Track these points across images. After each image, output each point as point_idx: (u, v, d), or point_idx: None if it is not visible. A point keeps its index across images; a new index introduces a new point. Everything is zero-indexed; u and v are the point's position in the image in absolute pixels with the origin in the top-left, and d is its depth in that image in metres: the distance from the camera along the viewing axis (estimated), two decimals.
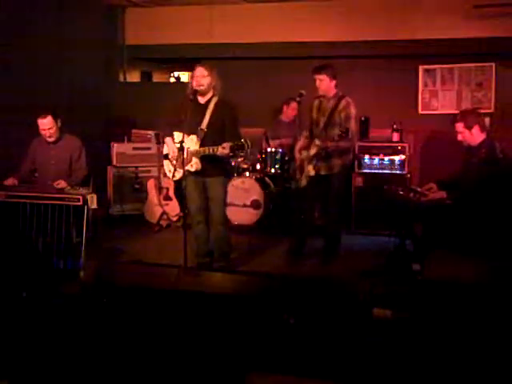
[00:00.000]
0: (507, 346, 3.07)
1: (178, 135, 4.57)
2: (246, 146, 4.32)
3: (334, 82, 4.96)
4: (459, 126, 4.30)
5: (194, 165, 4.50)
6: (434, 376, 2.93)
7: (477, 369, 2.93)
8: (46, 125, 4.98)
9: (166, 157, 4.73)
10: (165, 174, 5.02)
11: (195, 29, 7.34)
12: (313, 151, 4.85)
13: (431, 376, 2.93)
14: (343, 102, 4.87)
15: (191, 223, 4.83)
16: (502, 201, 4.14)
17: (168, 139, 4.69)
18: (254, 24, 7.20)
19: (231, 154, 4.38)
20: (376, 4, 6.81)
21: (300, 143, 5.13)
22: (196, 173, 4.56)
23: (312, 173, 4.89)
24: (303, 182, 5.00)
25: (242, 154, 4.49)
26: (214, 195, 4.67)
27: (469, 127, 4.25)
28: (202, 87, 4.50)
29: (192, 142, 4.50)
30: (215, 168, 4.58)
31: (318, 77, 4.91)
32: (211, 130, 4.52)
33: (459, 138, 4.33)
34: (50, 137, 5.04)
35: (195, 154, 4.48)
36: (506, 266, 4.11)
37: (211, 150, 4.39)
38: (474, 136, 4.26)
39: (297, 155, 5.14)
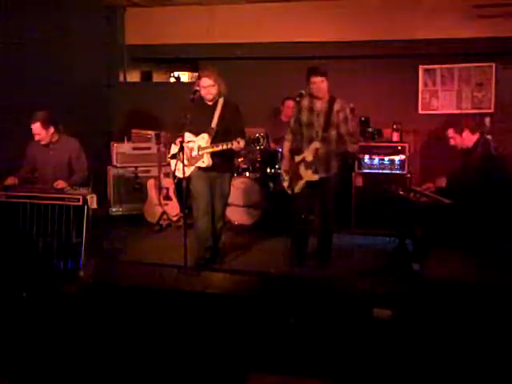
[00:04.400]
0: (507, 345, 3.07)
1: (188, 135, 4.78)
2: (261, 139, 4.58)
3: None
4: (450, 132, 4.49)
5: (206, 160, 4.73)
6: (433, 375, 2.93)
7: (477, 368, 2.93)
8: (35, 130, 5.04)
9: (174, 157, 4.84)
10: (166, 174, 5.11)
11: (195, 29, 7.33)
12: (311, 155, 4.63)
13: (431, 375, 2.93)
14: (338, 104, 4.68)
15: (196, 218, 4.89)
16: (500, 198, 4.16)
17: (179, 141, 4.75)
18: (254, 24, 7.19)
19: (247, 147, 4.71)
20: (376, 4, 6.80)
21: (287, 145, 4.88)
22: (206, 168, 4.76)
23: (316, 177, 4.64)
24: (296, 189, 4.78)
25: (257, 147, 4.77)
26: (222, 192, 4.91)
27: (459, 132, 4.43)
28: (211, 96, 4.74)
29: (203, 140, 4.74)
30: (224, 164, 4.84)
31: (320, 79, 4.62)
32: (220, 129, 4.76)
33: (451, 142, 4.51)
34: (40, 140, 5.09)
35: (208, 149, 4.69)
36: (505, 265, 4.12)
37: (226, 146, 4.60)
38: (465, 139, 4.43)
39: (287, 158, 4.86)
